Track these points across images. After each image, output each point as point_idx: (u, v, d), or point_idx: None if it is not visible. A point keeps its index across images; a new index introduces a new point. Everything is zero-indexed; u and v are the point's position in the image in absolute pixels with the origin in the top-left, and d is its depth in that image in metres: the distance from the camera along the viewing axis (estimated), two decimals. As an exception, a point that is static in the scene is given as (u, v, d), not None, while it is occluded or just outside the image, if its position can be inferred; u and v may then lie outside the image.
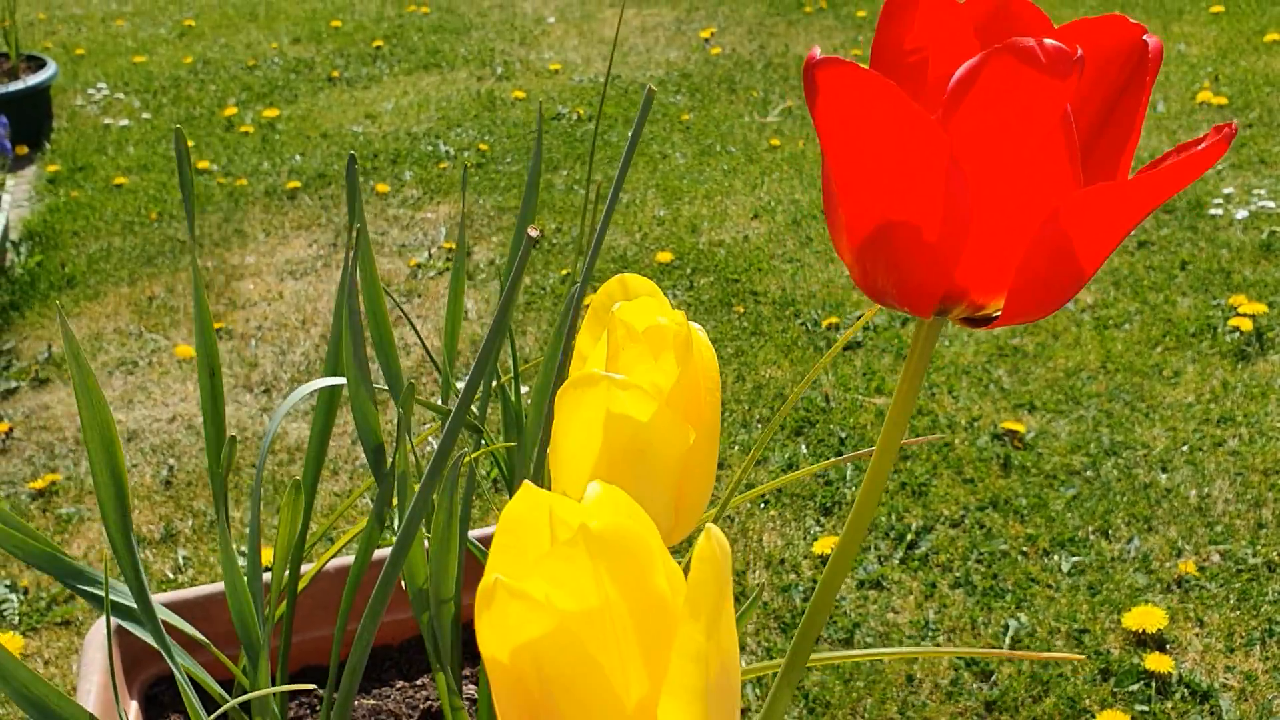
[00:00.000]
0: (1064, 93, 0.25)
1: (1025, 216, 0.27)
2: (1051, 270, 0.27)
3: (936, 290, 0.28)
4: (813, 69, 0.27)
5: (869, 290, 0.30)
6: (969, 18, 0.30)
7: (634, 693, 0.26)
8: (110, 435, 0.57)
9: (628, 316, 0.36)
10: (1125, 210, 0.27)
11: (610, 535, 0.25)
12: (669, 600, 0.26)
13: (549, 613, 0.25)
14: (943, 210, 0.27)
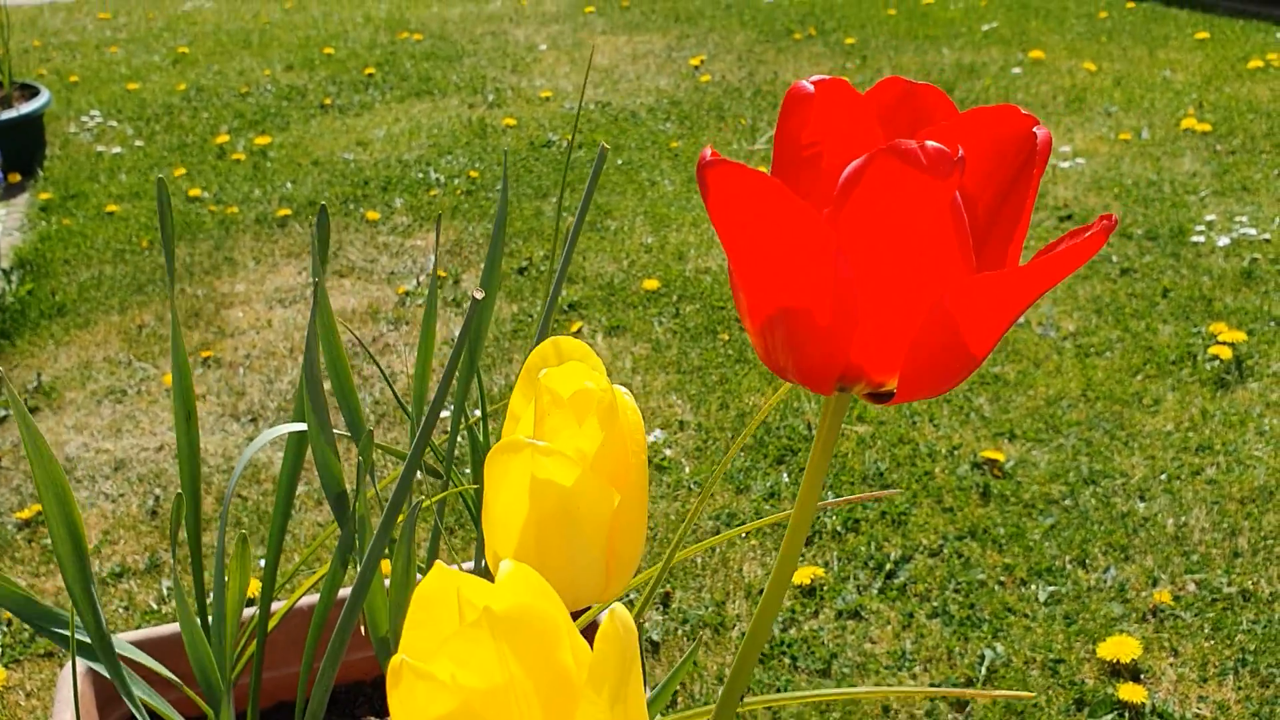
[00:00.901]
0: (946, 190, 0.27)
1: (914, 302, 0.28)
2: (941, 352, 0.29)
3: (833, 370, 0.30)
4: (703, 170, 0.29)
5: (773, 367, 0.32)
6: (872, 107, 0.31)
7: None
8: (63, 490, 0.58)
9: (553, 383, 0.38)
10: (1010, 297, 0.28)
11: (514, 615, 0.26)
12: (573, 676, 0.27)
13: (452, 691, 0.26)
14: (832, 298, 0.28)
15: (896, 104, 0.31)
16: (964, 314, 0.28)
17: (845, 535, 1.51)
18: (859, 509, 1.55)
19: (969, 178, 0.29)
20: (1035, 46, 3.50)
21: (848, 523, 1.53)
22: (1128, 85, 3.13)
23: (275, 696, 0.92)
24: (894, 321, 0.28)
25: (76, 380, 2.05)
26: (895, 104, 0.31)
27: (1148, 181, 2.53)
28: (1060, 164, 2.64)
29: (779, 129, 0.31)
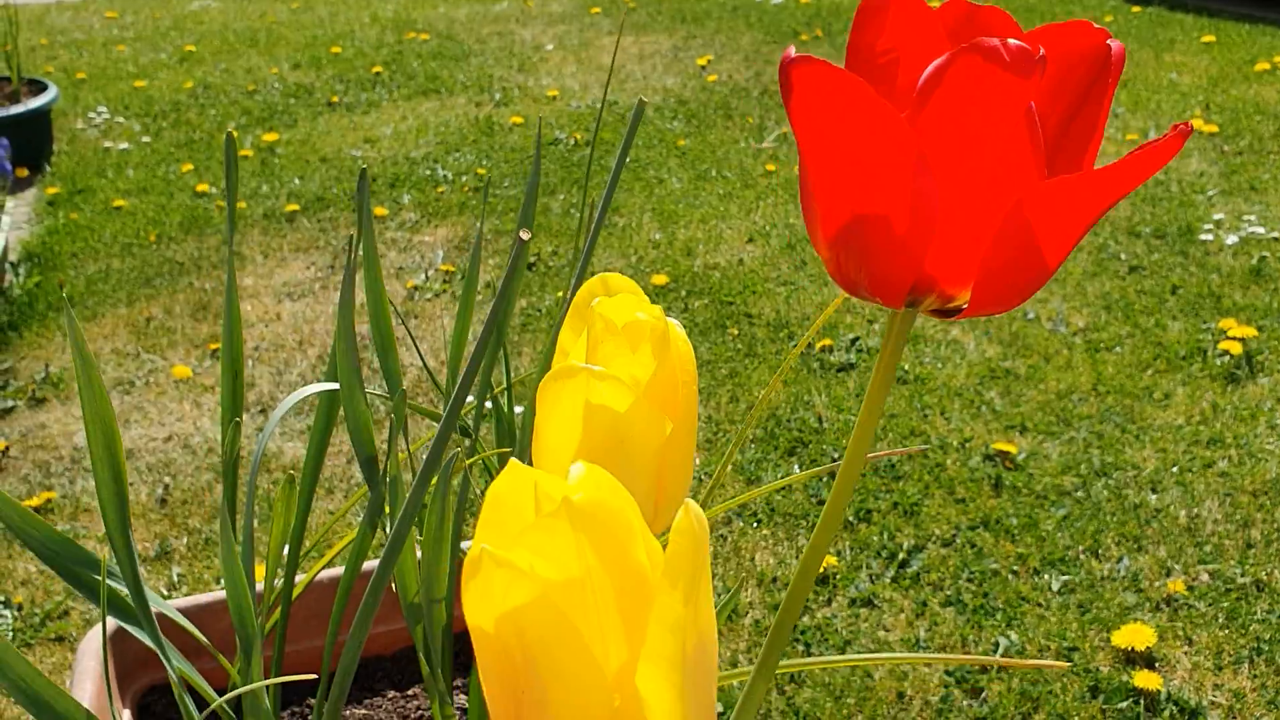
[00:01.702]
0: (1027, 90, 0.27)
1: (990, 208, 0.28)
2: (1015, 261, 0.29)
3: (906, 280, 0.29)
4: (787, 67, 0.29)
5: (843, 281, 0.32)
6: (940, 22, 0.31)
7: (613, 661, 0.27)
8: (111, 430, 0.58)
9: (607, 311, 0.38)
10: (1086, 202, 0.28)
11: (592, 508, 0.26)
12: (648, 574, 0.27)
13: (532, 581, 0.26)
14: (910, 203, 0.28)
15: (964, 21, 0.31)
16: (1040, 220, 0.28)
17: (857, 525, 1.51)
18: (870, 499, 1.55)
19: (1041, 90, 0.29)
20: (1041, 49, 3.50)
21: (860, 513, 1.53)
22: (1134, 88, 3.14)
23: (293, 671, 0.92)
24: (969, 228, 0.28)
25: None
26: (962, 21, 0.31)
27: (1155, 181, 2.53)
28: (1068, 163, 2.64)
29: (851, 39, 0.31)
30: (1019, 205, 0.28)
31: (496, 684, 0.28)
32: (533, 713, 0.27)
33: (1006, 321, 1.99)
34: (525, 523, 0.27)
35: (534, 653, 0.26)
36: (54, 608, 1.43)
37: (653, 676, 0.27)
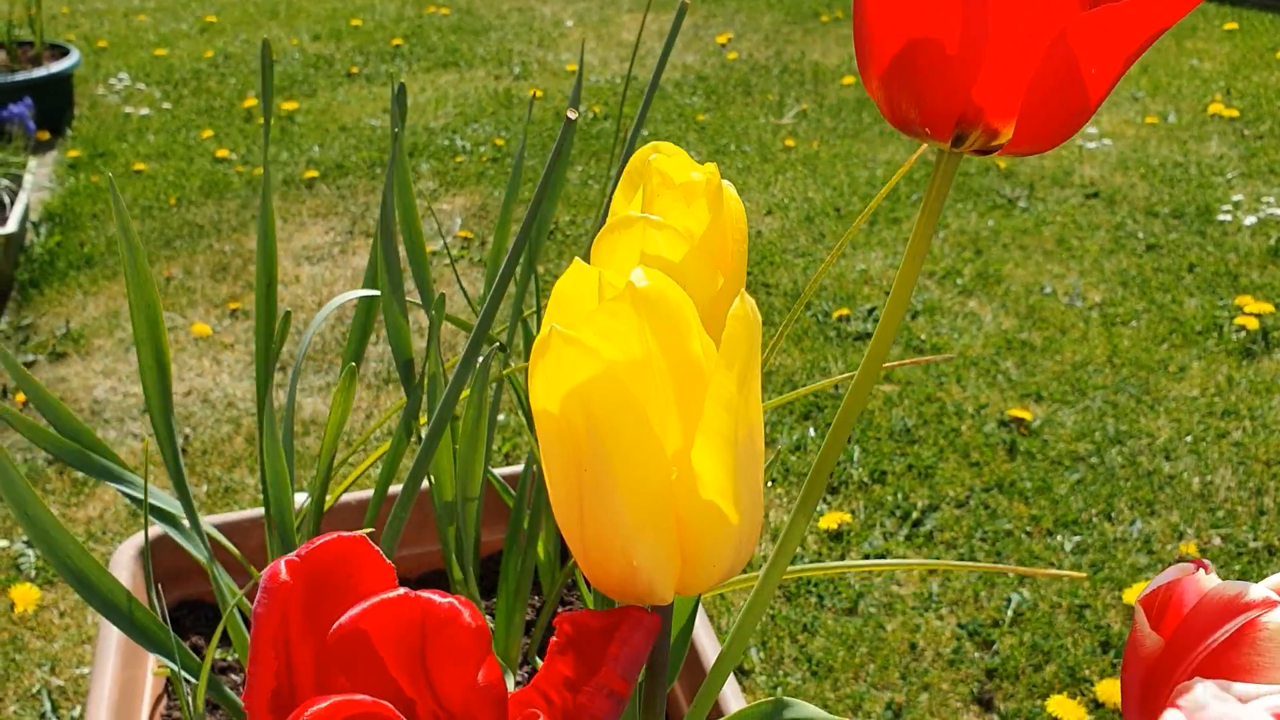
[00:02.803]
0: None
1: (1036, 36, 0.29)
2: (1058, 93, 0.30)
3: (955, 107, 0.31)
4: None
5: (894, 116, 0.33)
6: None
7: (670, 444, 0.28)
8: (154, 313, 0.59)
9: (663, 166, 0.39)
10: (1127, 32, 0.29)
11: (655, 295, 0.27)
12: (704, 367, 0.28)
13: (598, 358, 0.27)
14: (961, 29, 0.29)
15: None
16: (1083, 49, 0.29)
17: (872, 486, 1.52)
18: (885, 461, 1.56)
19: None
20: (1061, 34, 3.50)
21: (874, 474, 1.54)
22: (1155, 73, 3.13)
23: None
24: (1016, 58, 0.29)
25: (104, 328, 2.06)
26: None
27: (1174, 163, 2.53)
28: (1087, 144, 2.64)
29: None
30: (1063, 34, 0.29)
31: (559, 467, 0.29)
32: (594, 490, 0.28)
33: (1023, 295, 2.00)
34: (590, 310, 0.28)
35: (598, 428, 0.27)
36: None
37: (707, 452, 0.28)
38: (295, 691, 0.28)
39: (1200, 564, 0.36)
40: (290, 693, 0.28)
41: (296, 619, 0.29)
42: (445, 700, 0.29)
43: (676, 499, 0.28)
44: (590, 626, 0.30)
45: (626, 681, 0.29)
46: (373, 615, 0.28)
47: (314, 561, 0.29)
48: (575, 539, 0.30)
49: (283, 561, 0.28)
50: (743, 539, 0.30)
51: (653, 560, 0.29)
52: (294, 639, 0.29)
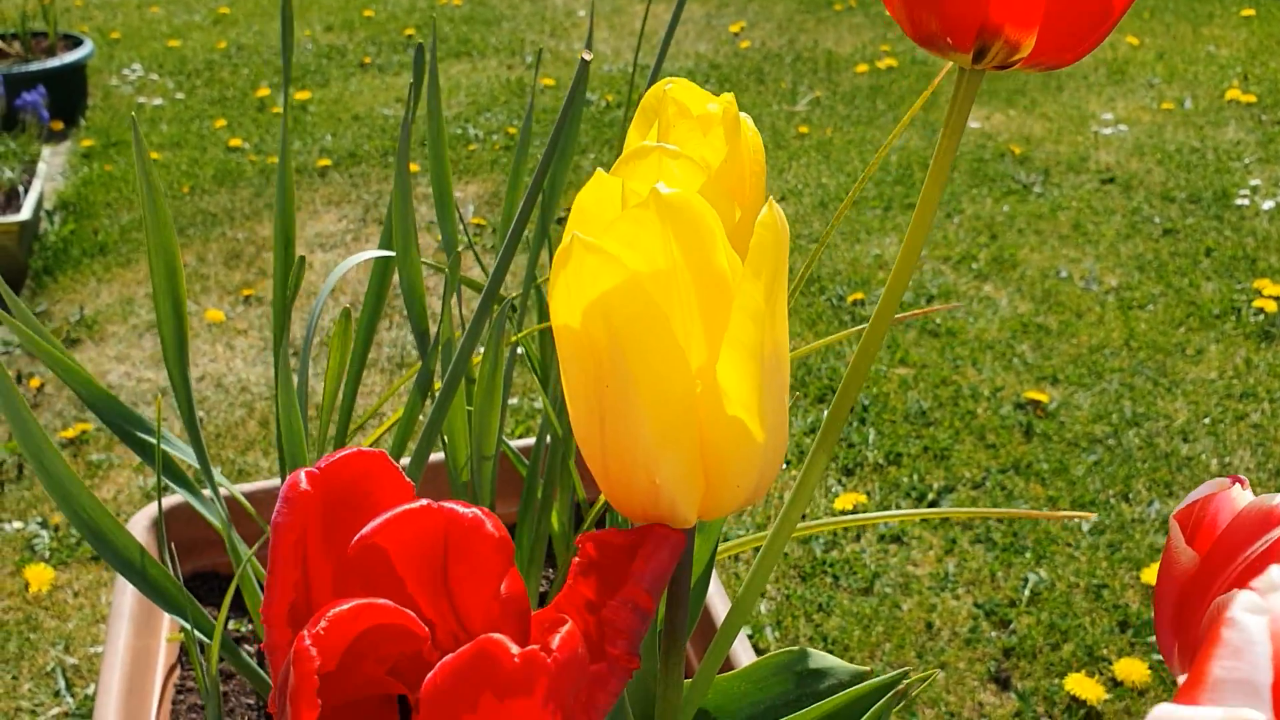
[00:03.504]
0: None
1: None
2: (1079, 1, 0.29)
3: (976, 18, 0.30)
4: None
5: (916, 31, 0.32)
6: None
7: (695, 358, 0.27)
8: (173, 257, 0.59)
9: (680, 95, 0.38)
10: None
11: (680, 204, 0.27)
12: (729, 280, 0.27)
13: (621, 266, 0.26)
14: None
15: None
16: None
17: (887, 468, 1.51)
18: (900, 443, 1.55)
19: None
20: (1076, 22, 3.48)
21: (890, 455, 1.53)
22: (1171, 59, 3.12)
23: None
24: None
25: (118, 314, 2.07)
26: None
27: (1190, 148, 2.51)
28: (1103, 130, 2.63)
29: None
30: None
31: (579, 383, 0.29)
32: (616, 405, 0.28)
33: (1039, 279, 1.99)
34: (613, 220, 0.27)
35: (620, 339, 0.27)
36: (90, 529, 1.45)
37: (733, 365, 0.27)
38: (313, 606, 0.28)
39: (1236, 479, 0.35)
40: (308, 607, 0.28)
41: (315, 533, 0.28)
42: (466, 618, 0.29)
43: (700, 414, 0.28)
44: (614, 544, 0.29)
45: (651, 597, 0.28)
46: (394, 528, 0.28)
47: (334, 475, 0.28)
48: (596, 457, 0.30)
49: (303, 472, 0.28)
50: (768, 459, 0.29)
51: (676, 478, 0.28)
52: (312, 554, 0.28)
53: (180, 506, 0.89)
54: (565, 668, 0.25)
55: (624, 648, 0.28)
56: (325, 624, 0.25)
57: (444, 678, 0.25)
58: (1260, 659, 0.21)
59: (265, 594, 0.28)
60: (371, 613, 0.26)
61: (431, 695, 0.26)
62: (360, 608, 0.26)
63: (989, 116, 2.75)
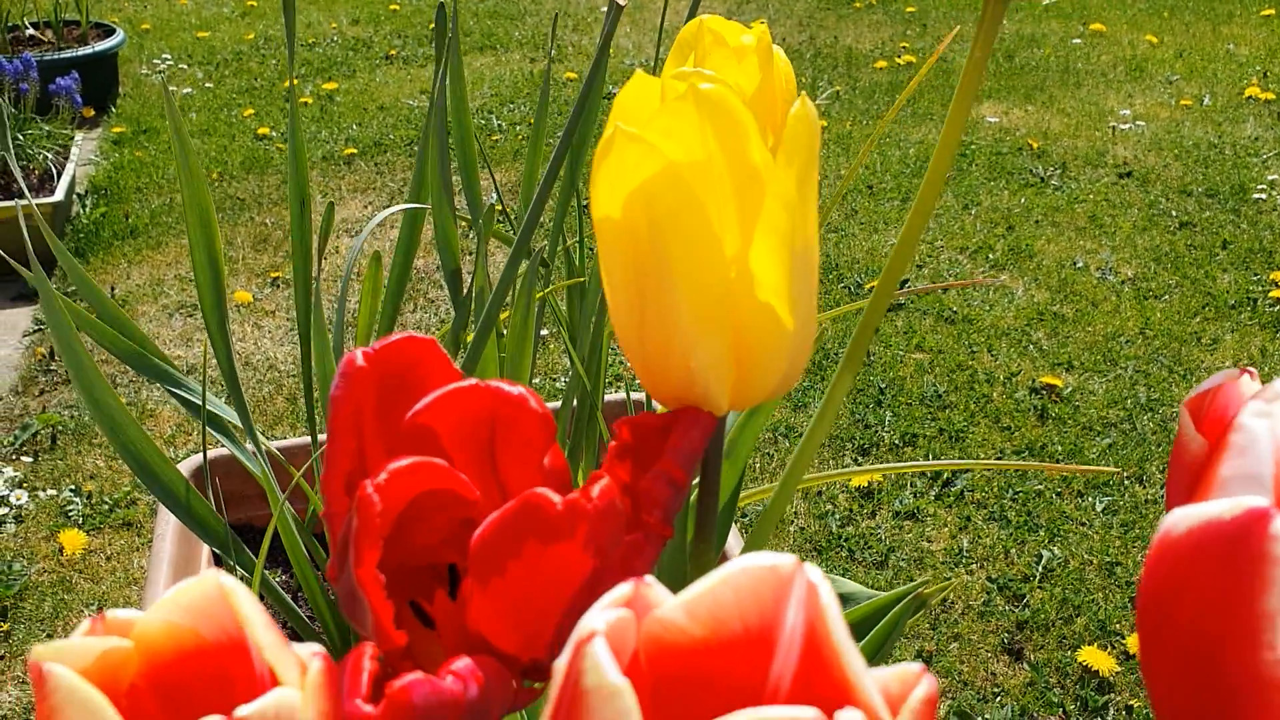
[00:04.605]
0: None
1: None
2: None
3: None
4: None
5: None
6: None
7: (729, 247, 0.30)
8: (207, 213, 0.62)
9: (716, 26, 0.41)
10: None
11: (717, 97, 0.29)
12: (761, 174, 0.30)
13: (660, 157, 0.29)
14: None
15: None
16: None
17: (903, 448, 1.54)
18: (916, 425, 1.58)
19: None
20: (1096, 20, 3.49)
21: (905, 437, 1.55)
22: (1190, 57, 3.13)
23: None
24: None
25: (149, 295, 2.10)
26: None
27: (1209, 144, 2.53)
28: (1120, 126, 2.64)
29: None
30: None
31: (619, 273, 0.31)
32: (654, 292, 0.30)
33: (1055, 269, 2.01)
34: (653, 113, 0.30)
35: (660, 226, 0.29)
36: (122, 497, 1.49)
37: (765, 252, 0.30)
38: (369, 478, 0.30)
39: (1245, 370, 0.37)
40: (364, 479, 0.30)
41: (370, 412, 0.31)
42: (512, 492, 0.31)
43: (734, 300, 0.30)
44: (648, 426, 0.31)
45: (685, 472, 0.31)
46: (444, 405, 0.30)
47: (388, 357, 0.31)
48: (634, 346, 0.32)
49: (359, 350, 0.30)
50: (796, 348, 0.32)
51: (710, 363, 0.31)
52: (368, 432, 0.31)
53: (218, 463, 0.92)
54: (604, 514, 0.28)
55: (659, 516, 0.31)
56: (386, 476, 0.28)
57: (492, 530, 0.28)
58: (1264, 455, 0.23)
59: (324, 465, 0.31)
60: (427, 471, 0.29)
61: (480, 548, 0.28)
62: (418, 464, 0.28)
63: (1007, 112, 2.77)
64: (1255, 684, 0.22)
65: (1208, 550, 0.23)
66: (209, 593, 0.22)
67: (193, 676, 0.22)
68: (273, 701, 0.19)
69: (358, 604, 0.27)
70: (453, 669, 0.25)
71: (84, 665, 0.21)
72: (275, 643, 0.21)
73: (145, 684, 0.22)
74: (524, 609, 0.27)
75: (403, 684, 0.24)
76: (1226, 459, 0.24)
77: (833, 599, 0.21)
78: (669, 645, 0.21)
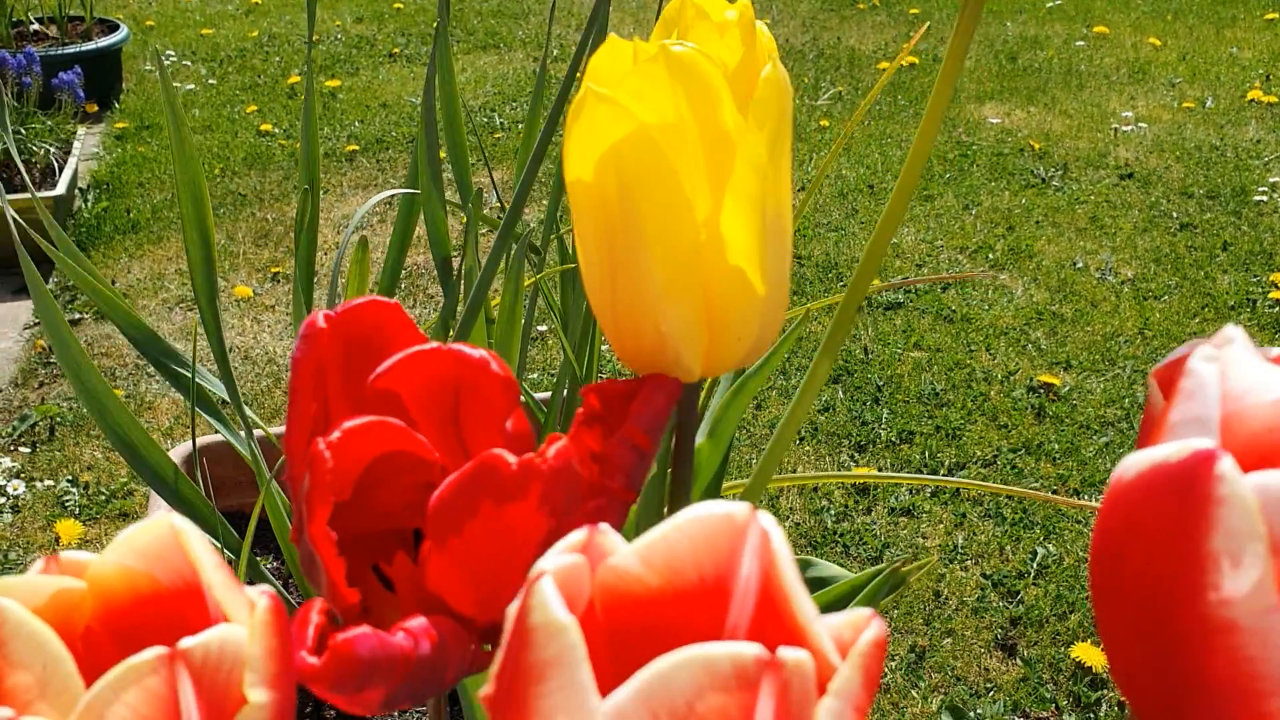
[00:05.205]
0: None
1: None
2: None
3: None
4: None
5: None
6: None
7: (701, 209, 0.30)
8: (200, 191, 0.62)
9: (699, 1, 0.41)
10: None
11: (689, 60, 0.29)
12: (733, 138, 0.30)
13: (631, 118, 0.29)
14: None
15: None
16: None
17: (899, 445, 1.54)
18: (913, 422, 1.57)
19: None
20: (1099, 23, 3.49)
21: (902, 434, 1.55)
22: (1193, 60, 3.12)
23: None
24: None
25: (149, 289, 2.11)
26: None
27: (1210, 146, 2.53)
28: (1122, 128, 2.64)
29: None
30: None
31: (591, 237, 0.32)
32: (625, 254, 0.30)
33: (1054, 269, 2.01)
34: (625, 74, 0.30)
35: (631, 189, 0.29)
36: (119, 488, 1.49)
37: (736, 215, 0.30)
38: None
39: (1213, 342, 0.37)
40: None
41: (335, 376, 0.31)
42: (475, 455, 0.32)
43: (705, 262, 0.30)
44: (614, 391, 0.32)
45: (649, 437, 0.31)
46: (407, 368, 0.30)
47: (351, 320, 0.31)
48: (606, 311, 0.32)
49: (320, 312, 0.30)
50: (768, 313, 0.32)
51: (681, 327, 0.31)
52: (332, 396, 0.31)
53: (210, 450, 0.92)
54: (559, 473, 0.28)
55: (621, 482, 0.31)
56: (339, 434, 0.28)
57: (450, 491, 0.28)
58: (1210, 399, 0.24)
59: (286, 428, 0.31)
60: (382, 431, 0.29)
61: (438, 508, 0.28)
62: (372, 424, 0.28)
63: (1009, 113, 2.77)
64: (1201, 626, 0.22)
65: (1156, 493, 0.23)
66: (162, 535, 0.22)
67: (148, 621, 0.22)
68: (217, 635, 0.19)
69: (313, 564, 0.27)
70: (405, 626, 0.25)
71: (36, 604, 0.21)
72: (225, 583, 0.21)
73: (100, 628, 0.22)
74: (481, 570, 0.27)
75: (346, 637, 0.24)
76: (1176, 404, 0.24)
77: (784, 546, 0.21)
78: (625, 595, 0.21)
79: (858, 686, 0.20)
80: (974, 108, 2.81)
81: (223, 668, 0.19)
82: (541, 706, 0.18)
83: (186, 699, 0.18)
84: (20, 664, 0.19)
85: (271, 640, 0.20)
